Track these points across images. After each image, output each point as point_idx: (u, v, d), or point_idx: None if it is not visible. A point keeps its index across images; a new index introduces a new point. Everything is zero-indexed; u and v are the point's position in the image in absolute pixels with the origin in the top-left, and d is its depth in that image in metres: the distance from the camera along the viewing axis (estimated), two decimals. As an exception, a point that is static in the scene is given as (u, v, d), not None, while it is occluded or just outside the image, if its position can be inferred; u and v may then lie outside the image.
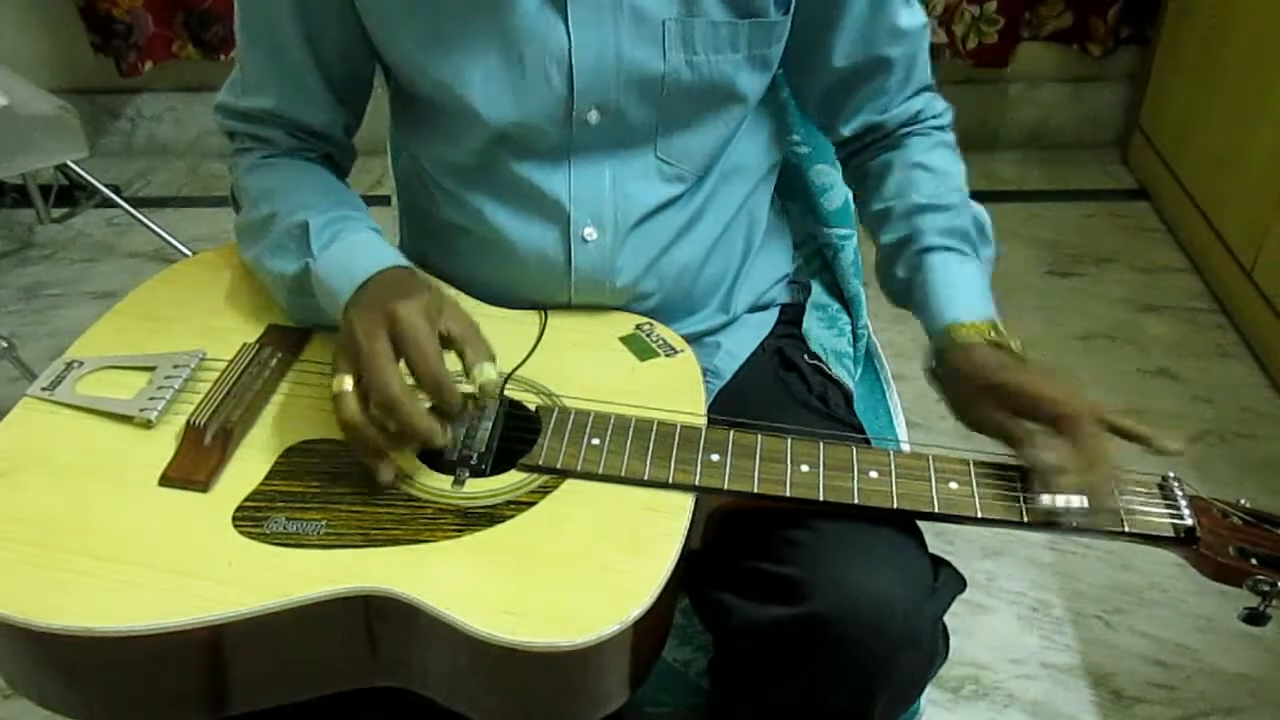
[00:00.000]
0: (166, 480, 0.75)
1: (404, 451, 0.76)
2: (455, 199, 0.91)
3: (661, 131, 0.87)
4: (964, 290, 0.88)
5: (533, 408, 0.82)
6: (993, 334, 0.83)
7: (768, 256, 1.02)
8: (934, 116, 0.97)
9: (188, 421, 0.78)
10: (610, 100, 0.84)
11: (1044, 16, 2.31)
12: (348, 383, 0.73)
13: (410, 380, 0.73)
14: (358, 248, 0.83)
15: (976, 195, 0.95)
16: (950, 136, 0.97)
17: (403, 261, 0.82)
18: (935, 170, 0.93)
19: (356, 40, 0.88)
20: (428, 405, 0.73)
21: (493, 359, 0.75)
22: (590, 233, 0.88)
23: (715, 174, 0.92)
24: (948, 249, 0.90)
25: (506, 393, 0.82)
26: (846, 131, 0.97)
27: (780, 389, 0.94)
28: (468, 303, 0.92)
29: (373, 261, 0.80)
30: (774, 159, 1.00)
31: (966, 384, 0.82)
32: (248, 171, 0.92)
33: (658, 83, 0.84)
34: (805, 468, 0.77)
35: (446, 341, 0.74)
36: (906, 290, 0.92)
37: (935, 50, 2.31)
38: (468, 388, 0.75)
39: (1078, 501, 0.73)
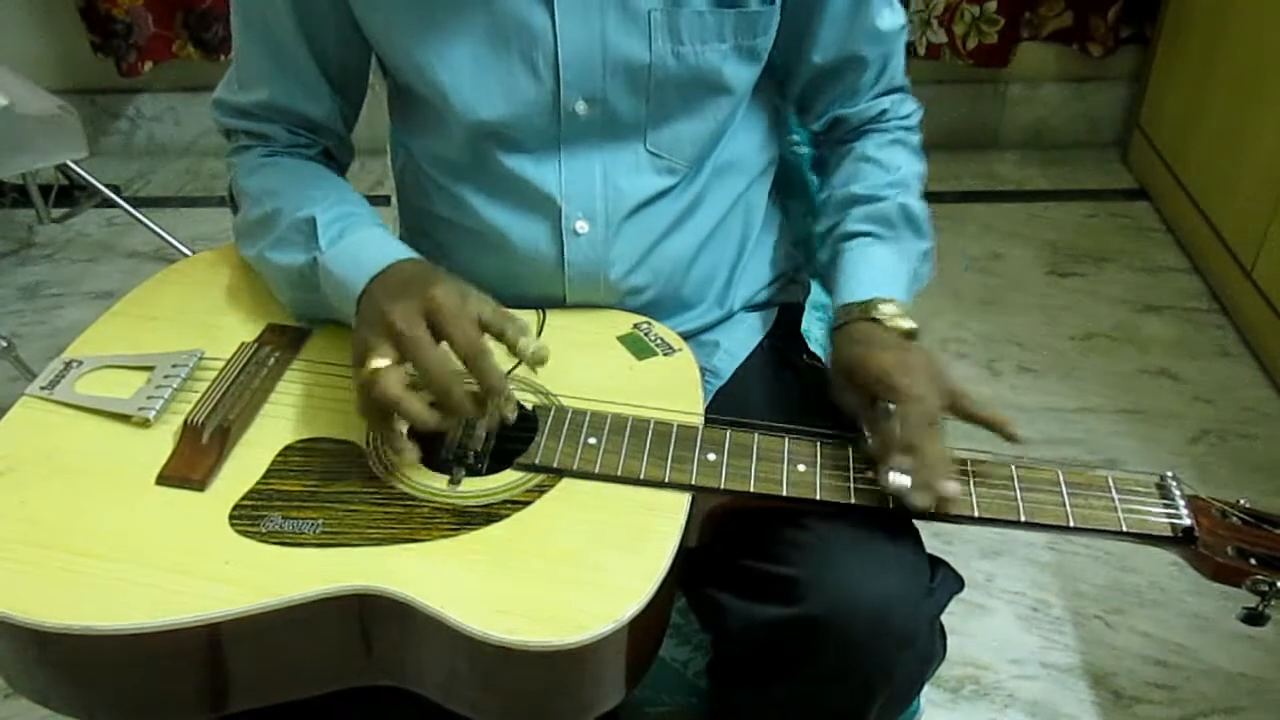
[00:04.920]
0: (164, 479, 0.75)
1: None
2: (448, 194, 0.92)
3: (650, 123, 0.87)
4: (863, 270, 0.88)
5: (530, 407, 0.82)
6: (873, 311, 0.83)
7: (765, 252, 1.02)
8: (900, 117, 0.97)
9: (185, 420, 0.79)
10: (597, 90, 0.85)
11: (1044, 16, 2.31)
12: (384, 361, 0.73)
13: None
14: (367, 242, 0.83)
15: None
16: (913, 137, 0.98)
17: (415, 255, 0.83)
18: (882, 164, 0.94)
19: (352, 29, 0.88)
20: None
21: (529, 332, 0.76)
22: (582, 226, 0.88)
23: (709, 168, 0.92)
24: (865, 234, 0.91)
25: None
26: (816, 126, 0.99)
27: (778, 389, 0.94)
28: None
29: (384, 255, 0.81)
30: (770, 155, 1.00)
31: (834, 364, 0.84)
32: (248, 173, 0.93)
33: (644, 72, 0.84)
34: (802, 467, 0.77)
35: (479, 324, 0.75)
36: (825, 276, 0.93)
37: (935, 50, 2.33)
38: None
39: (900, 483, 0.73)
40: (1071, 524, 0.74)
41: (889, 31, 0.92)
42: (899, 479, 0.73)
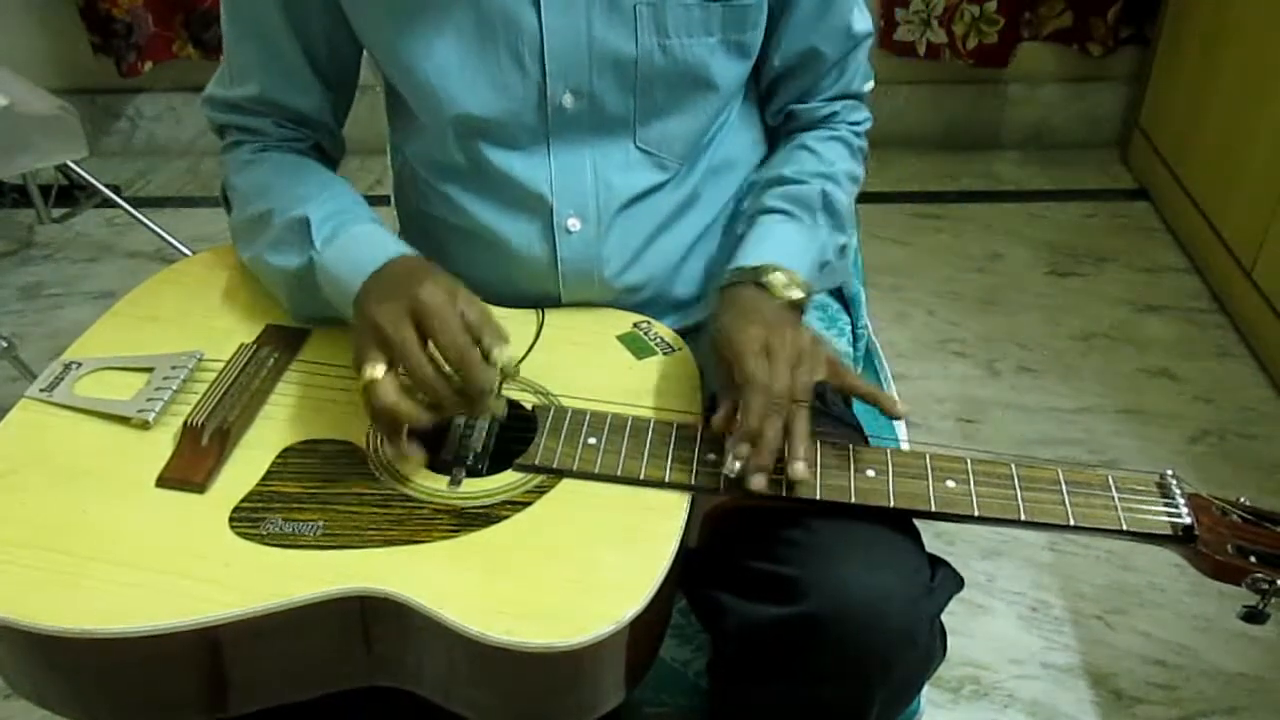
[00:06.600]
0: (163, 481, 0.75)
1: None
2: (442, 196, 0.92)
3: (640, 119, 0.88)
4: (765, 241, 0.87)
5: (529, 407, 0.82)
6: (762, 276, 0.81)
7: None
8: (850, 121, 0.98)
9: (185, 422, 0.78)
10: (584, 83, 0.85)
11: (1044, 16, 2.31)
12: (379, 369, 0.74)
13: None
14: (361, 239, 0.84)
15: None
16: (857, 140, 0.98)
17: (408, 250, 0.83)
18: (816, 153, 0.93)
19: (340, 23, 0.89)
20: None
21: (508, 341, 0.76)
22: (574, 223, 0.88)
23: (703, 165, 0.93)
24: (778, 211, 0.90)
25: (504, 392, 0.82)
26: (771, 121, 0.99)
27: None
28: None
29: (379, 252, 0.81)
30: (765, 151, 1.00)
31: (710, 330, 0.82)
32: (240, 170, 0.93)
33: (631, 66, 0.85)
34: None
35: (463, 326, 0.75)
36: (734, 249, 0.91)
37: (935, 50, 2.33)
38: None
39: (734, 468, 0.72)
40: (1071, 523, 0.74)
41: (854, 34, 0.92)
42: (734, 464, 0.72)
